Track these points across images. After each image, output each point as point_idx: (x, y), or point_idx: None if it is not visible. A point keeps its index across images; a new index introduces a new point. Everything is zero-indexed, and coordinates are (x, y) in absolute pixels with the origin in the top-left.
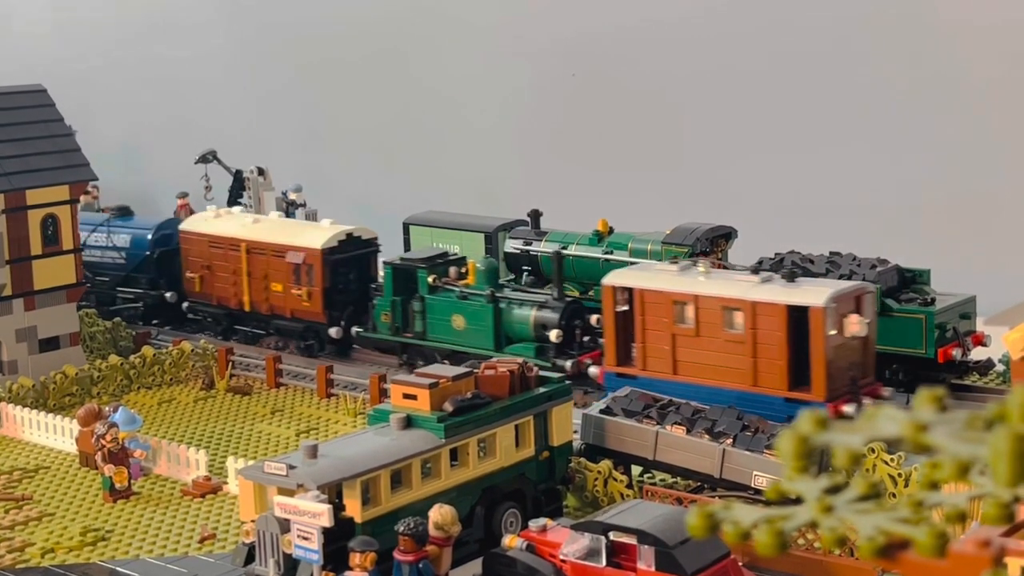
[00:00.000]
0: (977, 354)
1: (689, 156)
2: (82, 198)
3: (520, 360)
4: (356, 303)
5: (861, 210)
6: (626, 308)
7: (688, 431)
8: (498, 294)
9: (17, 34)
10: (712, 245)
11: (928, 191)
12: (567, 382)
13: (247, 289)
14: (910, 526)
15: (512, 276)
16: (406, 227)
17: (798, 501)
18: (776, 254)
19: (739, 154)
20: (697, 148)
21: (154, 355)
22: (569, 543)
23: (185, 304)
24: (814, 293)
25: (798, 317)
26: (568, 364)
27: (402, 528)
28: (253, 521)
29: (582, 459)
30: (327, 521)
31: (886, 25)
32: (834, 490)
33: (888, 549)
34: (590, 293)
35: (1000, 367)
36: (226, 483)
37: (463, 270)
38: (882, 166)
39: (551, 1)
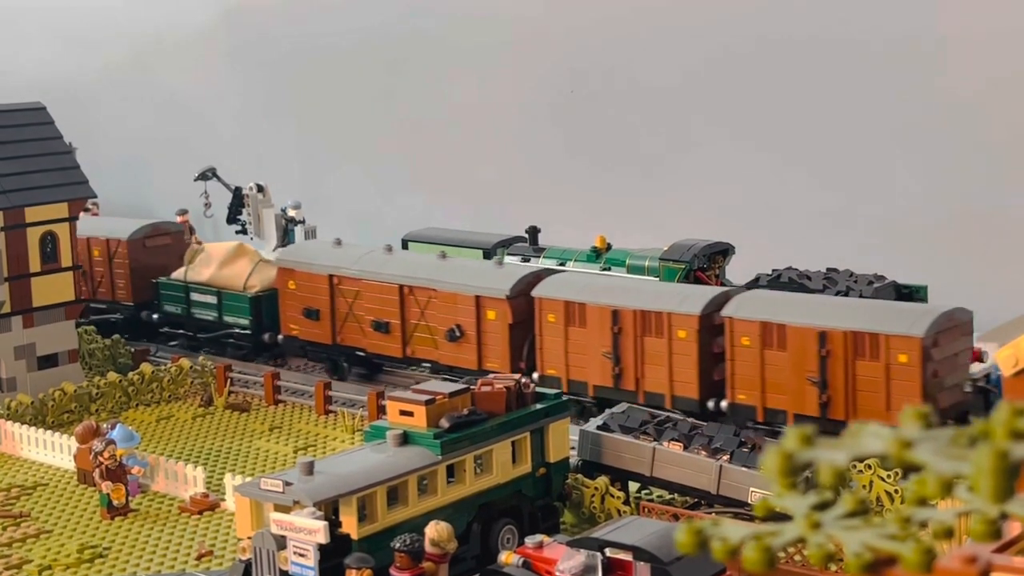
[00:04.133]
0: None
1: (687, 173)
2: (82, 215)
3: (516, 376)
4: None
5: (859, 227)
6: None
7: (685, 447)
8: None
9: (17, 51)
10: (710, 261)
11: (925, 208)
12: (563, 398)
13: None
14: (897, 542)
15: None
16: (405, 244)
17: (789, 517)
18: (773, 270)
19: (737, 171)
20: (695, 165)
21: (153, 372)
22: (565, 559)
23: None
24: None
25: None
26: None
27: (398, 545)
28: (250, 538)
29: (579, 475)
30: (323, 538)
31: (884, 42)
32: (822, 506)
33: (875, 565)
34: None
35: None
36: (224, 500)
37: None
38: (880, 183)
39: (549, 18)
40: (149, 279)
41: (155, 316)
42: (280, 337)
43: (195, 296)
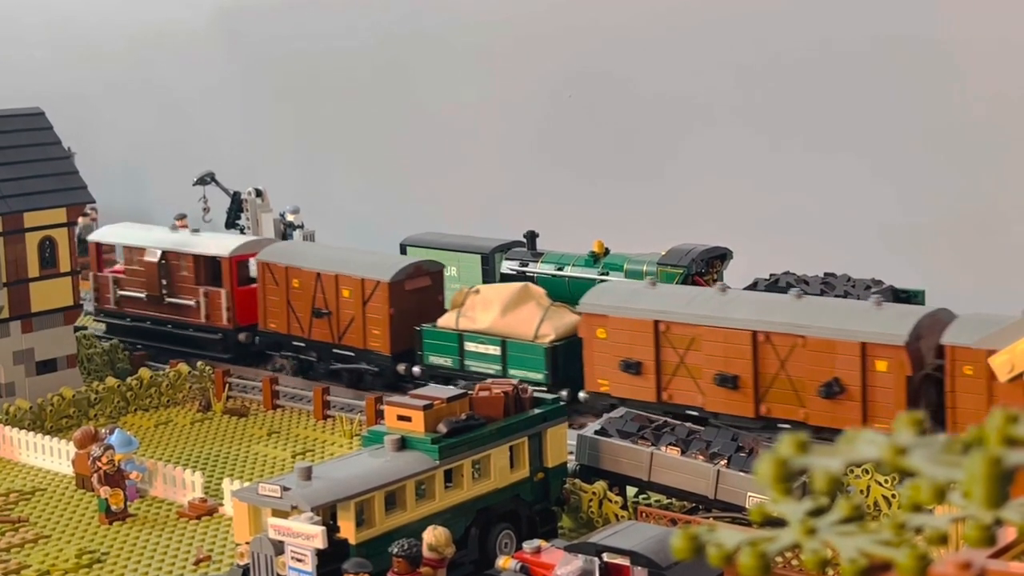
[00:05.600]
0: None
1: (685, 178)
2: (80, 220)
3: (514, 381)
4: None
5: (857, 231)
6: None
7: (683, 452)
8: None
9: (15, 57)
10: (708, 266)
11: (922, 212)
12: (562, 403)
13: None
14: (892, 548)
15: None
16: (403, 248)
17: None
18: (771, 275)
19: (735, 175)
20: (693, 170)
21: (151, 377)
22: (563, 564)
23: None
24: None
25: None
26: None
27: (396, 550)
28: (248, 543)
29: (577, 480)
30: (321, 543)
31: (881, 47)
32: (818, 512)
33: (870, 571)
34: None
35: None
36: (222, 505)
37: None
38: (878, 187)
39: (548, 22)
40: (408, 326)
41: (415, 369)
42: (583, 395)
43: (471, 346)
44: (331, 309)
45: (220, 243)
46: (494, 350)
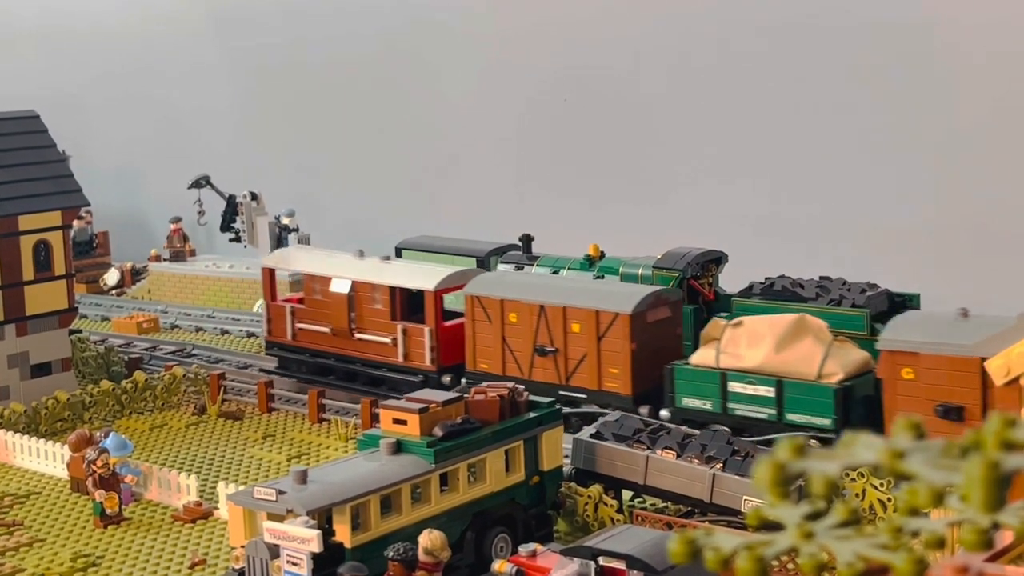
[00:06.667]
0: None
1: (680, 181)
2: (75, 223)
3: (510, 385)
4: None
5: (851, 235)
6: None
7: (678, 456)
8: None
9: (11, 60)
10: (703, 270)
11: (918, 216)
12: (557, 406)
13: None
14: (889, 552)
15: None
16: (398, 251)
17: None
18: (766, 279)
19: (730, 179)
20: (688, 173)
21: (146, 380)
22: (559, 568)
23: None
24: None
25: None
26: None
27: (392, 553)
28: (243, 547)
29: (572, 484)
30: (316, 547)
31: (877, 48)
32: (815, 516)
33: (867, 575)
34: None
35: None
36: (217, 508)
37: None
38: (873, 190)
39: (544, 28)
40: (647, 363)
41: (663, 412)
42: None
43: (736, 387)
44: (557, 346)
45: (421, 274)
46: (767, 391)
